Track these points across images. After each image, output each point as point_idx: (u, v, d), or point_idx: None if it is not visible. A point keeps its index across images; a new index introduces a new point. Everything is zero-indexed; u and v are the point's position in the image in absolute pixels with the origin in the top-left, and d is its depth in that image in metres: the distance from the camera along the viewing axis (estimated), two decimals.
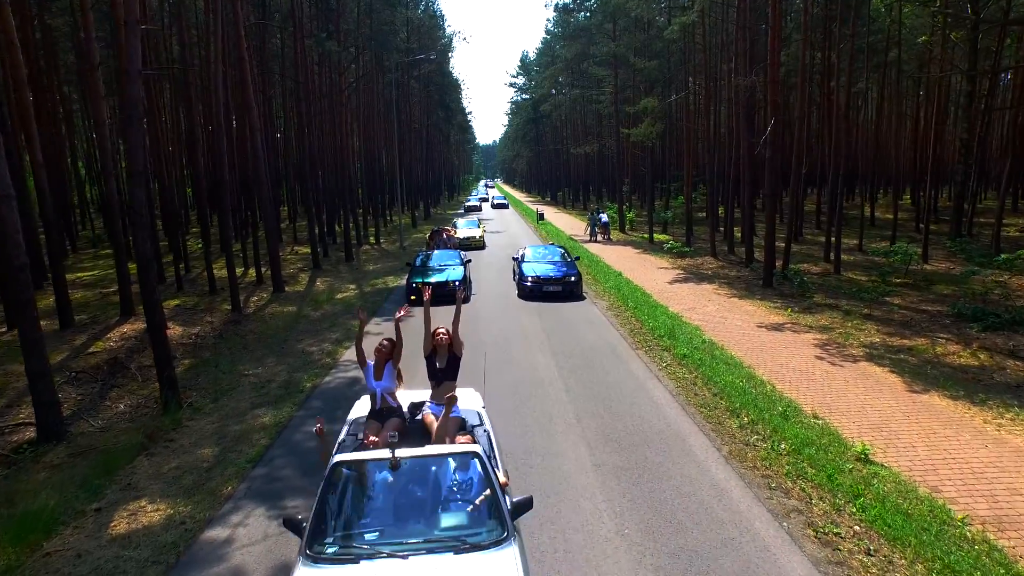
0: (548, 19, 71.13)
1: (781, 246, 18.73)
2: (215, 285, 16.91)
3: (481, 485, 4.11)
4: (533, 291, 15.97)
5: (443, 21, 51.96)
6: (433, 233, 23.87)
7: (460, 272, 16.52)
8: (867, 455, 6.72)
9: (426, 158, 49.43)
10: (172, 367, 9.04)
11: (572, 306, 15.17)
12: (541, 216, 40.25)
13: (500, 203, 59.83)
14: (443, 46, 47.96)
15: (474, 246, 26.86)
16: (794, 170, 19.73)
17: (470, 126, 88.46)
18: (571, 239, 29.09)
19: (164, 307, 12.19)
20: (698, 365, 10.02)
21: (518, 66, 72.31)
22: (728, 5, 25.05)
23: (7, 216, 7.61)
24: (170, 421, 8.26)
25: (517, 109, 74.85)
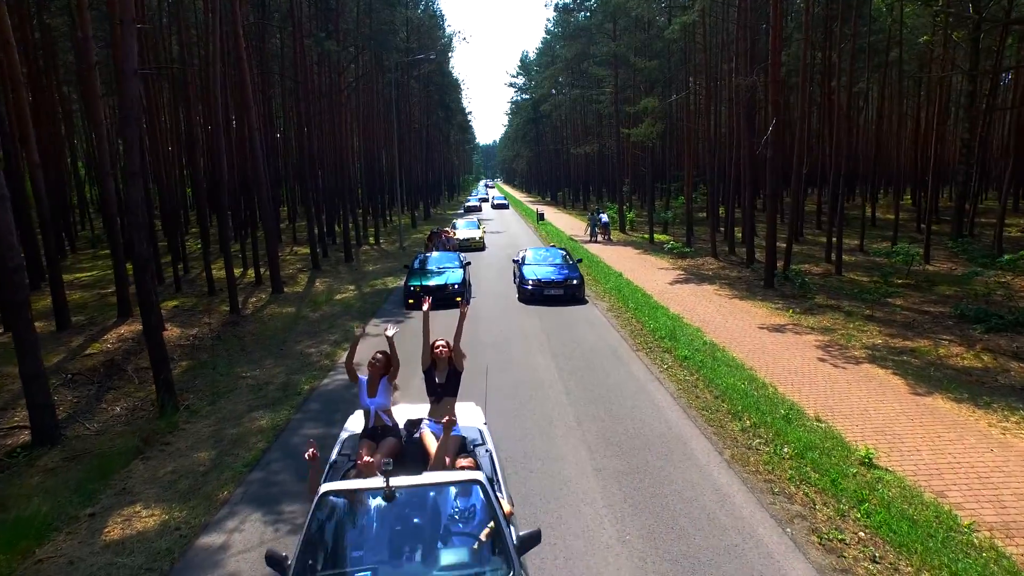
0: (548, 19, 71.31)
1: (782, 246, 18.65)
2: (214, 286, 16.84)
3: (484, 516, 3.74)
4: (534, 295, 15.48)
5: (443, 21, 51.92)
6: (432, 234, 23.29)
7: (460, 275, 16.11)
8: (871, 459, 6.64)
9: (426, 158, 49.35)
10: (169, 369, 8.96)
11: (572, 308, 15.07)
12: (541, 216, 40.19)
13: (500, 203, 59.71)
14: (443, 46, 47.89)
15: (474, 247, 26.56)
16: (795, 170, 19.64)
17: (470, 126, 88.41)
18: (571, 239, 29.01)
19: (162, 308, 12.14)
20: (699, 367, 9.93)
21: (518, 66, 72.32)
22: (729, 4, 24.98)
23: (1, 217, 7.53)
24: (166, 424, 8.18)
25: (517, 109, 74.77)
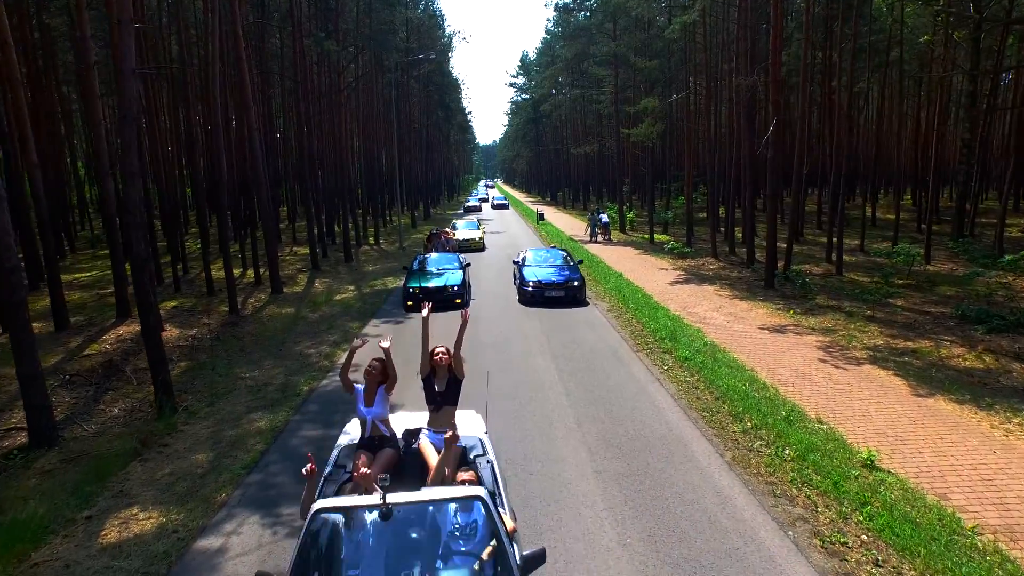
0: (548, 19, 71.33)
1: (782, 247, 18.61)
2: (213, 286, 16.80)
3: (486, 533, 3.60)
4: (534, 296, 15.35)
5: (443, 21, 51.89)
6: (431, 235, 22.88)
7: (459, 276, 16.00)
8: (873, 461, 6.60)
9: (426, 158, 49.30)
10: (167, 370, 8.92)
11: (572, 309, 15.02)
12: (541, 216, 40.16)
13: (500, 203, 59.69)
14: (443, 46, 47.86)
15: (474, 248, 26.41)
16: (795, 170, 19.61)
17: (470, 126, 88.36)
18: (571, 239, 28.98)
19: (161, 308, 12.09)
20: (700, 368, 9.89)
21: (518, 66, 72.28)
22: (729, 4, 24.94)
23: None
24: (164, 425, 8.13)
25: (517, 109, 74.74)
